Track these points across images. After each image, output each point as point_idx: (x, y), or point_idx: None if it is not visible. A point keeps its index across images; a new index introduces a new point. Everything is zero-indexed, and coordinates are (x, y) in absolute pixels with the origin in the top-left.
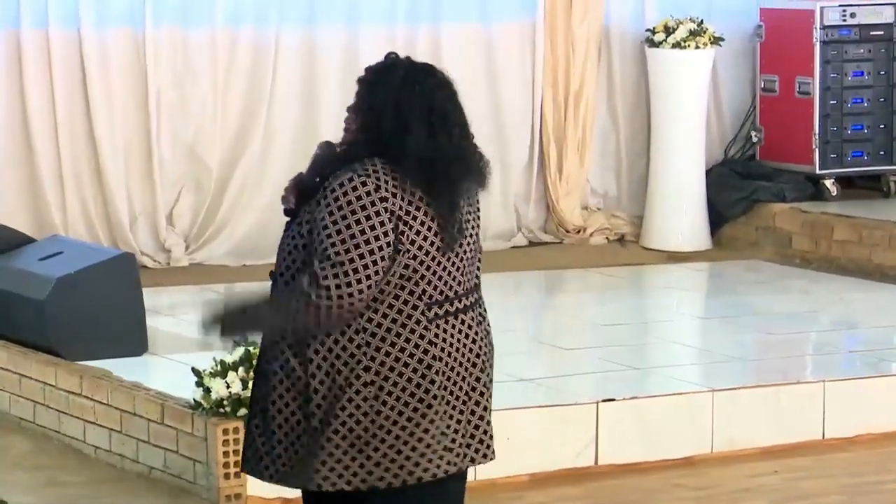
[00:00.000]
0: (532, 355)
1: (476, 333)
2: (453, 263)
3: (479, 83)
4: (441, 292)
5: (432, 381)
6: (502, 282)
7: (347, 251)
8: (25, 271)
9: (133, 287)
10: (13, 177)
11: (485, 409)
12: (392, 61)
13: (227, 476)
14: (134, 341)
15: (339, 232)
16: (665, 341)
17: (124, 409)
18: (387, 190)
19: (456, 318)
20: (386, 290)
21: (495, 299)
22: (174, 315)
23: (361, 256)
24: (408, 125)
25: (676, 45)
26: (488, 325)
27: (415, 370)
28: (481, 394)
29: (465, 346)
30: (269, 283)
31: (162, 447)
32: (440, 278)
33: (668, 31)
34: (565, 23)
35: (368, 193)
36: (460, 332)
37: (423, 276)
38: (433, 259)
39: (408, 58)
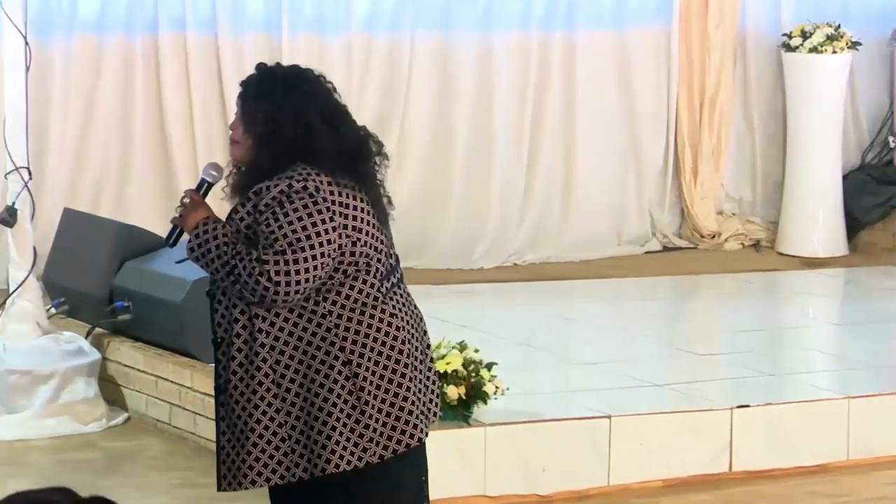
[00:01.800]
0: (666, 361)
1: (412, 300)
2: (387, 237)
3: (614, 89)
4: (386, 266)
5: (401, 351)
6: (637, 287)
7: (291, 245)
8: (162, 274)
9: None
10: (151, 180)
11: (434, 371)
12: (265, 72)
13: None
14: None
15: (286, 225)
16: (800, 347)
17: None
18: (324, 189)
19: (399, 287)
20: (346, 273)
21: (630, 304)
22: None
23: (304, 251)
24: (310, 128)
25: (813, 50)
26: None
27: (383, 343)
28: (431, 359)
29: (412, 314)
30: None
31: None
32: (384, 253)
33: (805, 35)
34: (701, 28)
35: (311, 195)
36: (406, 301)
37: (372, 256)
38: (375, 237)
39: (277, 64)
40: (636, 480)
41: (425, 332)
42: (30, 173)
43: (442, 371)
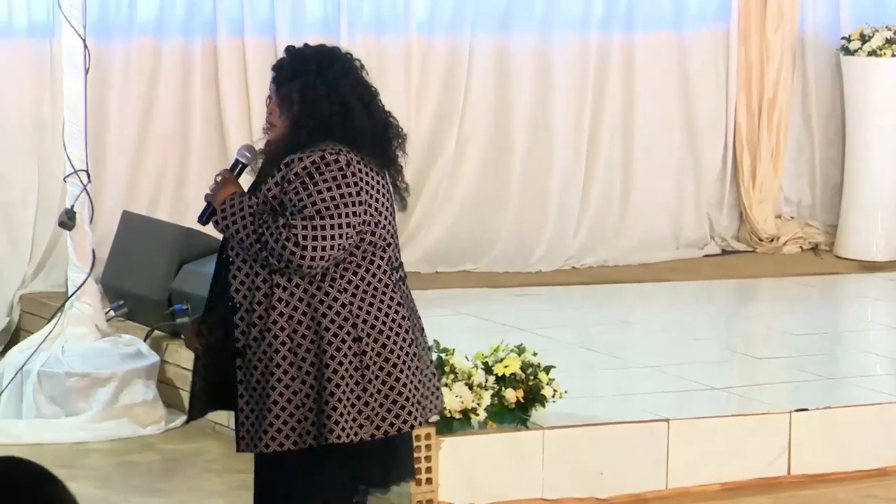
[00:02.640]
0: (725, 364)
1: (414, 302)
2: (397, 232)
3: (673, 91)
4: (397, 259)
5: (404, 340)
6: (695, 290)
7: (319, 212)
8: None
9: None
10: (209, 183)
11: (436, 366)
12: (295, 53)
13: (418, 482)
14: None
15: (314, 194)
16: (858, 351)
17: None
18: (354, 165)
19: (404, 283)
20: (364, 253)
21: (688, 308)
22: None
23: (333, 219)
24: (347, 105)
25: (872, 54)
26: None
27: (391, 328)
28: (432, 360)
29: (414, 310)
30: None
31: None
32: (396, 246)
33: (864, 38)
34: (759, 30)
35: (341, 168)
36: (409, 297)
37: (388, 243)
38: (391, 223)
39: (305, 45)
40: (694, 484)
41: (423, 331)
42: (89, 176)
43: (500, 374)
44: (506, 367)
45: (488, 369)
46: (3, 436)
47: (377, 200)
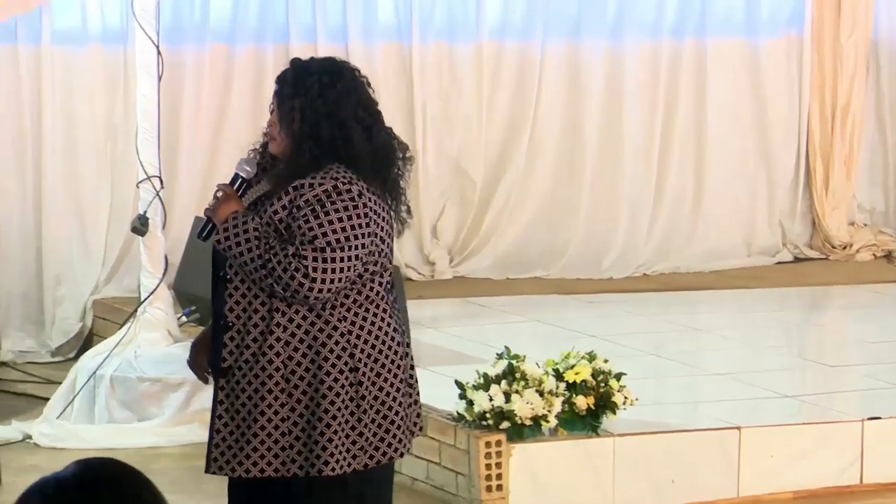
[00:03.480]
0: (797, 372)
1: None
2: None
3: (745, 98)
4: (388, 271)
5: (399, 367)
6: (767, 297)
7: (330, 244)
8: None
9: (397, 299)
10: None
11: (416, 379)
12: (300, 68)
13: (489, 489)
14: None
15: (326, 224)
16: None
17: None
18: (365, 195)
19: (391, 292)
20: (363, 280)
21: (760, 315)
22: (437, 328)
23: (343, 251)
24: (346, 129)
25: None
26: None
27: (387, 356)
28: (412, 366)
29: (406, 320)
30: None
31: (425, 459)
32: (391, 261)
33: None
34: (833, 36)
35: (353, 199)
36: (394, 305)
37: (386, 269)
38: (390, 249)
39: (312, 58)
40: (766, 492)
41: (409, 343)
42: (161, 182)
43: (571, 381)
44: (577, 373)
45: (559, 376)
46: (76, 440)
47: (382, 229)
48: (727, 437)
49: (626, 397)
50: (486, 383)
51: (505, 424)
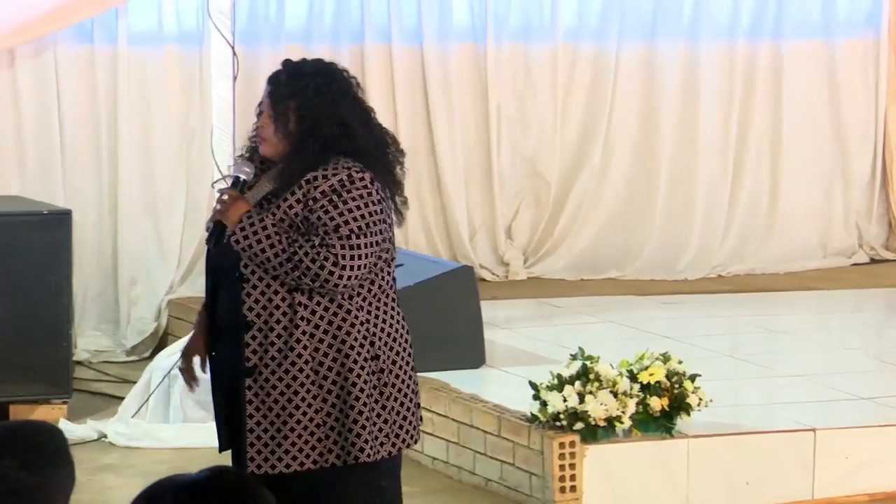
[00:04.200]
0: (873, 374)
1: None
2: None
3: (822, 99)
4: (395, 259)
5: (409, 354)
6: (843, 299)
7: (353, 231)
8: None
9: (471, 300)
10: None
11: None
12: (293, 69)
13: (562, 490)
14: (472, 354)
15: (346, 213)
16: None
17: (461, 421)
18: (376, 183)
19: (393, 289)
20: (379, 269)
21: (836, 317)
22: (512, 328)
23: (366, 237)
24: (347, 126)
25: None
26: None
27: (401, 345)
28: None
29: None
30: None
31: (498, 459)
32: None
33: None
34: None
35: (366, 186)
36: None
37: (392, 255)
38: (394, 238)
39: (304, 60)
40: (841, 494)
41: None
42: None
43: (645, 382)
44: (651, 375)
45: (633, 377)
46: (151, 439)
47: (389, 216)
48: (802, 439)
49: (700, 399)
50: (560, 384)
51: (579, 425)
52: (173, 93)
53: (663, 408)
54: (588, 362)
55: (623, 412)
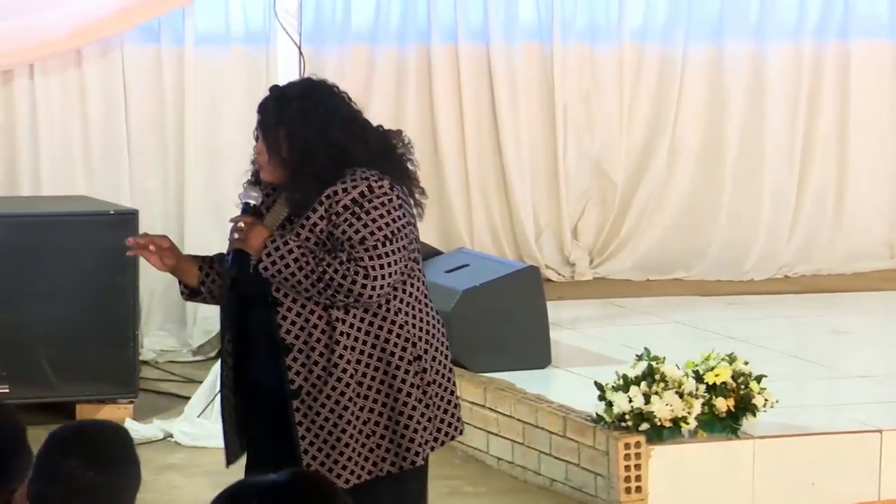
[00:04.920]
0: None
1: None
2: None
3: (889, 99)
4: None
5: (447, 347)
6: None
7: (380, 241)
8: (432, 283)
9: (537, 300)
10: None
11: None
12: (278, 96)
13: (627, 490)
14: (537, 354)
15: (371, 223)
16: None
17: (527, 422)
18: (396, 188)
19: (424, 285)
20: (410, 270)
21: None
22: (577, 328)
23: (393, 244)
24: (341, 147)
25: None
26: None
27: (439, 341)
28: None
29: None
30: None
31: (563, 460)
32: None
33: None
34: None
35: (386, 193)
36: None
37: (419, 255)
38: (418, 236)
39: (289, 84)
40: None
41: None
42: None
43: (711, 383)
44: (717, 375)
45: (699, 378)
46: (216, 439)
47: (413, 216)
48: (868, 440)
49: (766, 399)
50: (626, 385)
51: (644, 426)
52: (239, 93)
53: (729, 408)
54: (654, 363)
55: (689, 413)
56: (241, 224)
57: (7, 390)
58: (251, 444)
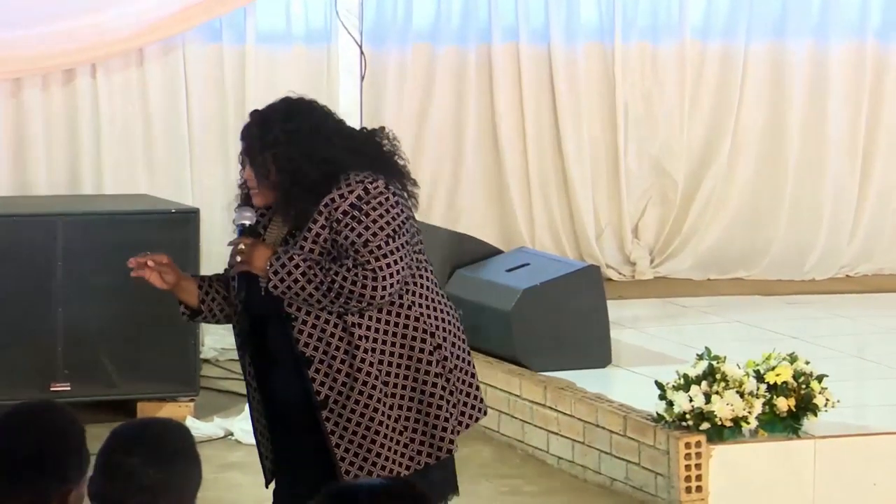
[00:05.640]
0: None
1: None
2: None
3: None
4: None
5: (463, 331)
6: None
7: (383, 241)
8: (493, 282)
9: (598, 299)
10: (483, 189)
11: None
12: (260, 120)
13: (688, 490)
14: (598, 353)
15: (372, 225)
16: None
17: (587, 421)
18: (388, 184)
19: (432, 272)
20: (418, 263)
21: None
22: (638, 328)
23: (396, 242)
24: (331, 162)
25: None
26: None
27: (456, 326)
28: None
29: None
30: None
31: (623, 459)
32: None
33: None
34: None
35: (382, 192)
36: None
37: (423, 251)
38: (418, 227)
39: (269, 106)
40: None
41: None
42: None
43: (771, 382)
44: (778, 375)
45: (760, 377)
46: None
47: (410, 210)
48: None
49: (827, 399)
50: (687, 384)
51: (705, 425)
52: (300, 92)
53: (790, 408)
54: (714, 362)
55: (749, 412)
56: (242, 246)
57: (69, 388)
58: (286, 459)
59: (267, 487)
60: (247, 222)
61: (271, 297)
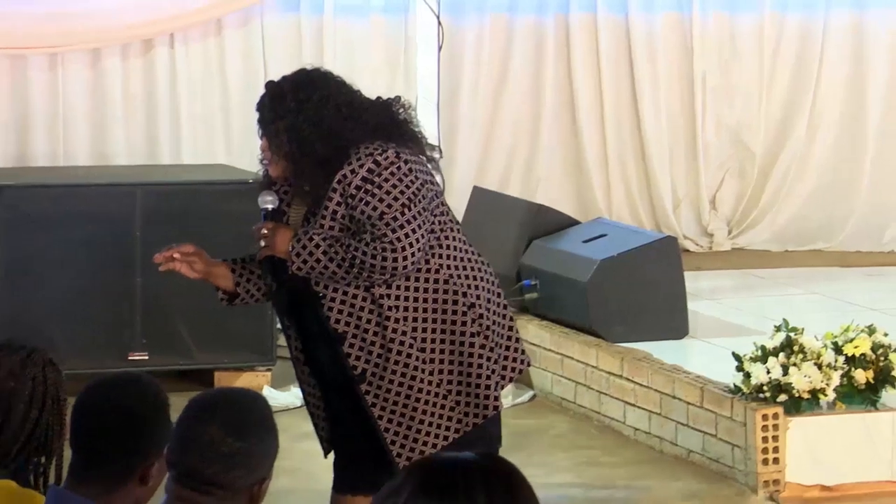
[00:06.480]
0: None
1: None
2: None
3: None
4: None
5: (498, 285)
6: None
7: (399, 211)
8: (570, 253)
9: (675, 270)
10: (560, 161)
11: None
12: (273, 90)
13: (765, 461)
14: (675, 324)
15: (386, 196)
16: None
17: (664, 392)
18: (402, 153)
19: (460, 231)
20: (442, 226)
21: None
22: (715, 299)
23: (412, 210)
24: (337, 134)
25: None
26: None
27: (491, 283)
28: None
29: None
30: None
31: (700, 430)
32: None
33: None
34: None
35: (393, 162)
36: None
37: (446, 211)
38: (440, 189)
39: (283, 77)
40: None
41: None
42: (440, 152)
43: (850, 354)
44: (856, 347)
45: (838, 349)
46: None
47: (427, 173)
48: None
49: None
50: (764, 356)
51: (782, 397)
52: (378, 63)
53: (868, 380)
54: (792, 334)
55: (827, 384)
56: (265, 231)
57: (147, 358)
58: (340, 429)
59: (326, 457)
60: (269, 206)
61: (299, 277)
